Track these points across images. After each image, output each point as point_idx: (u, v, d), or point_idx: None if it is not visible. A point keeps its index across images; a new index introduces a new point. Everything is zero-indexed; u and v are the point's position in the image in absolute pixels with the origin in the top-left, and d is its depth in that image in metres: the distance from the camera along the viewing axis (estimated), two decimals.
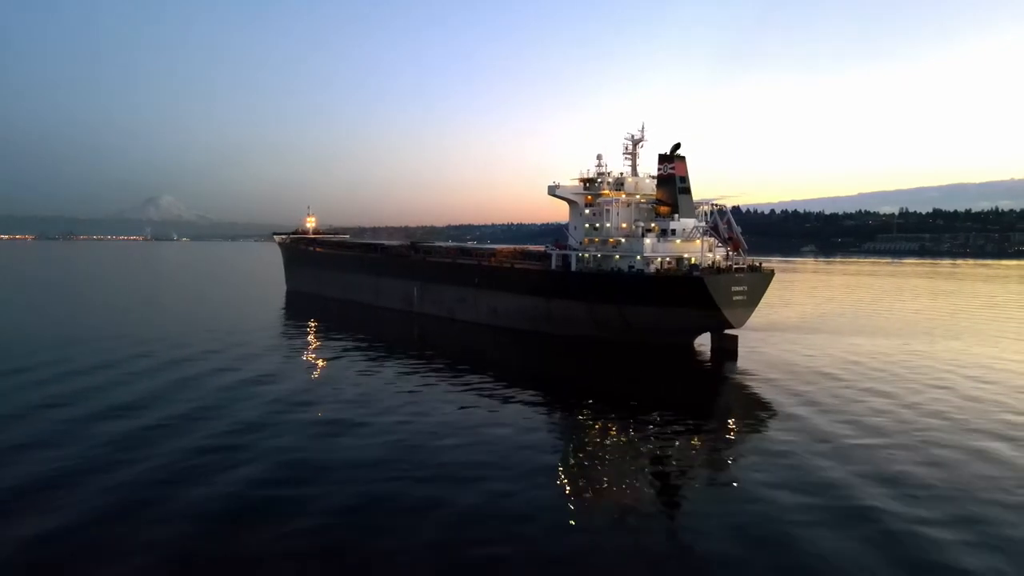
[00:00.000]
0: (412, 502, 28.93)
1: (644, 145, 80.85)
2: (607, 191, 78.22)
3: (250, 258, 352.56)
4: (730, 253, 71.82)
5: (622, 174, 79.86)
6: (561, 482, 32.04)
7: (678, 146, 75.12)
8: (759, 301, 69.56)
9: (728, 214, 73.72)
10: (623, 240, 75.12)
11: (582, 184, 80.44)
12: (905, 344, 71.37)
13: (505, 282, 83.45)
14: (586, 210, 79.96)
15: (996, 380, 54.22)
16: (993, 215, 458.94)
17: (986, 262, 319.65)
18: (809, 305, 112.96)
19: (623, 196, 77.96)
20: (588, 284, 73.30)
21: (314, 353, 66.30)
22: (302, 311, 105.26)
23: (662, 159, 75.60)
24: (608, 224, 77.37)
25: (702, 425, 42.60)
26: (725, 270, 67.76)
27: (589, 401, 47.67)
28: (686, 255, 70.78)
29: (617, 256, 73.64)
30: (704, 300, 63.74)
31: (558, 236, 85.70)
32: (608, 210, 77.35)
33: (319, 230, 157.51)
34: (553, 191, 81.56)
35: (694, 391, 54.45)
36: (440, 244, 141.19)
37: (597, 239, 77.84)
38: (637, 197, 78.75)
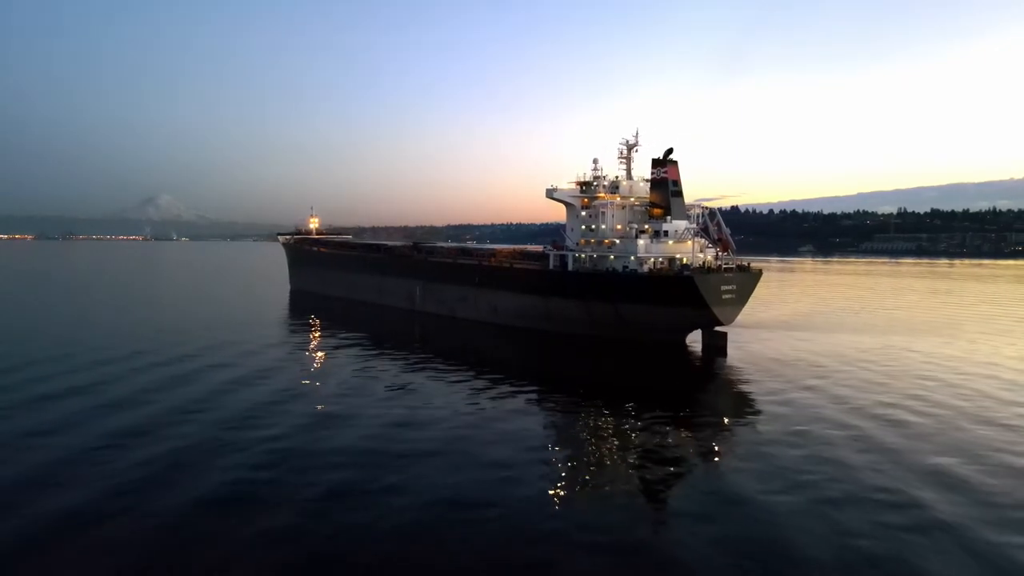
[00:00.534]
0: (411, 495, 29.76)
1: (638, 150, 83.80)
2: (603, 194, 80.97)
3: (252, 257, 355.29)
4: (720, 253, 74.82)
5: (617, 178, 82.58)
6: (557, 473, 33.24)
7: (671, 151, 77.99)
8: (748, 299, 72.47)
9: (718, 216, 76.83)
10: (618, 241, 77.98)
11: (579, 187, 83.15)
12: (887, 340, 74.15)
13: (505, 281, 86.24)
14: (582, 212, 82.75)
15: (976, 373, 56.54)
16: (991, 215, 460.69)
17: (982, 262, 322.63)
18: (801, 303, 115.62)
19: (618, 199, 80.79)
20: (584, 283, 76.18)
21: (320, 350, 68.94)
22: (306, 309, 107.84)
23: (655, 163, 78.42)
24: (604, 226, 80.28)
25: (691, 418, 44.28)
26: (715, 270, 70.48)
27: (585, 395, 50.02)
28: (678, 255, 73.67)
29: (612, 256, 76.56)
30: (694, 299, 66.58)
31: (556, 236, 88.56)
32: (604, 212, 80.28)
33: (322, 230, 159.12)
34: (551, 194, 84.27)
35: (685, 385, 56.94)
36: (441, 244, 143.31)
37: (593, 240, 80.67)
38: (631, 200, 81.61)
